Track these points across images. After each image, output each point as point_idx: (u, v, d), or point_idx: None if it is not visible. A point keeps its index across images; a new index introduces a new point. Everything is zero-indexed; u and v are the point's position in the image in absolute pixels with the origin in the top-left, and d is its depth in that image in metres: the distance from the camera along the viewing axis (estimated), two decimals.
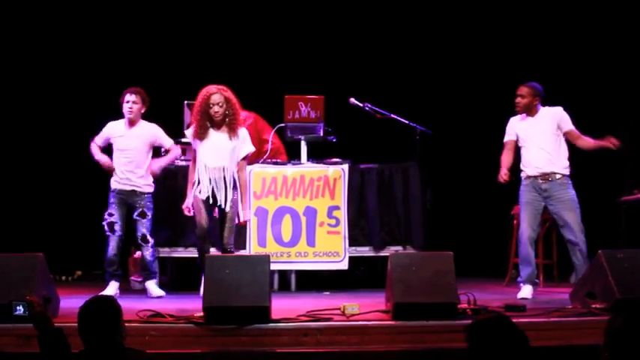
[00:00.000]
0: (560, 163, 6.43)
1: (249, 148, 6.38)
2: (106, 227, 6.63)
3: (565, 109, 6.51)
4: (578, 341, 4.83)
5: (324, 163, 7.47)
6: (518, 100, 6.50)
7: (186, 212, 6.38)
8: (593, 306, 5.26)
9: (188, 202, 6.34)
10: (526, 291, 6.35)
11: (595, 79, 9.08)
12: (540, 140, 6.44)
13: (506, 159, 6.61)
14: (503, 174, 6.52)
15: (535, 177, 6.45)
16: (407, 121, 7.44)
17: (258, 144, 7.98)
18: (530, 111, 6.50)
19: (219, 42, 9.46)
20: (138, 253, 7.07)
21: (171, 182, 7.35)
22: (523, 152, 6.54)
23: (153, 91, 6.94)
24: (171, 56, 9.27)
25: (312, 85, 8.26)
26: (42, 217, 8.93)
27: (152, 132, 6.80)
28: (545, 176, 6.41)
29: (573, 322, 5.06)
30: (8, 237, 8.05)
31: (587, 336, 4.79)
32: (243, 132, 6.32)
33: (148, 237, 6.70)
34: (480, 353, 2.96)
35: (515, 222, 6.86)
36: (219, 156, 6.19)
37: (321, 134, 7.56)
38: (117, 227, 6.64)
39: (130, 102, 6.67)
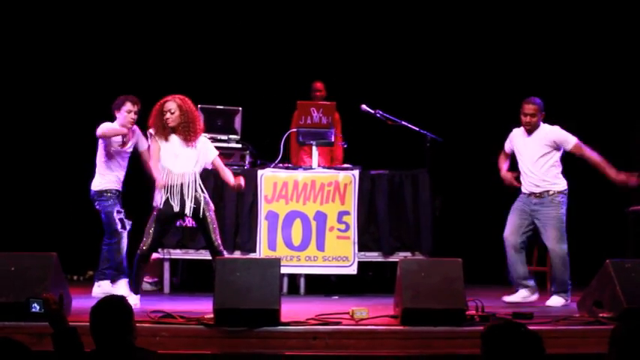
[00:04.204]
0: (550, 183, 6.51)
1: (214, 153, 6.11)
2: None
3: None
4: (584, 350, 4.87)
5: (335, 169, 7.53)
6: (529, 119, 6.50)
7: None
8: (601, 315, 5.30)
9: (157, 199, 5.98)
10: (518, 296, 6.45)
11: (608, 86, 9.09)
12: (530, 164, 6.55)
13: (502, 163, 6.82)
14: (505, 176, 6.71)
15: (528, 194, 6.57)
16: (417, 129, 7.47)
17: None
18: (535, 129, 6.55)
19: (231, 48, 9.49)
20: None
21: None
22: (519, 166, 6.68)
23: (165, 95, 6.97)
24: (184, 60, 9.31)
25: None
26: (53, 216, 8.99)
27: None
28: (536, 195, 6.52)
29: (580, 330, 5.11)
30: (20, 236, 8.11)
31: (593, 345, 4.83)
32: (200, 141, 6.06)
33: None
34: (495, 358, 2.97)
35: None
36: (181, 162, 5.95)
37: (332, 140, 7.62)
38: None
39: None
